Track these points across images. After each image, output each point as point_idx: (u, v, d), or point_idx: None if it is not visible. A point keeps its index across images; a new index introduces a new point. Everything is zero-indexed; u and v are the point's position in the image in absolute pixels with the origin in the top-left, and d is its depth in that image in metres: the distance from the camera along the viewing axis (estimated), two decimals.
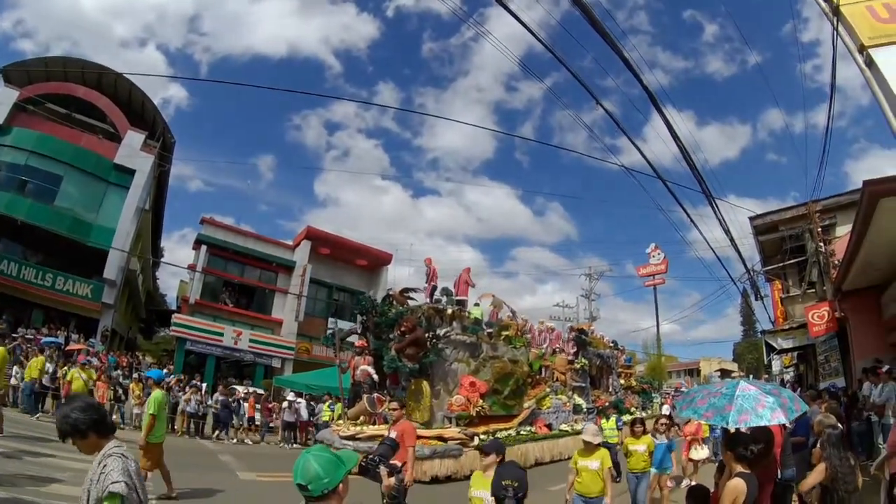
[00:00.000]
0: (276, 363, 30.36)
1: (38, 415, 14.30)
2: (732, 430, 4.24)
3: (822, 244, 16.00)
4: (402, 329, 13.90)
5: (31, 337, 19.67)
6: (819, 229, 16.43)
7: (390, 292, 16.57)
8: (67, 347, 19.90)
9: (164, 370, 19.72)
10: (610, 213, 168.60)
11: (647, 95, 9.86)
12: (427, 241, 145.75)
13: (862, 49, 8.61)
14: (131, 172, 26.55)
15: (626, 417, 20.68)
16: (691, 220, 15.34)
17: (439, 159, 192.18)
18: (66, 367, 16.02)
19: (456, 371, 14.53)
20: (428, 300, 15.96)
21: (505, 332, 17.05)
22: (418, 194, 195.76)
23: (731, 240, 15.97)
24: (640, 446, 7.97)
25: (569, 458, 15.91)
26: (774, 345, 21.01)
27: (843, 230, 15.50)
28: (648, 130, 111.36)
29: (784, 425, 7.58)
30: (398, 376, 14.41)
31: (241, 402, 18.71)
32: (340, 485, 2.10)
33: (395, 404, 7.27)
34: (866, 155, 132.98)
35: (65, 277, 24.10)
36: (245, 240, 31.85)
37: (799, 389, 16.33)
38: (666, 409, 13.27)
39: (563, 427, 17.13)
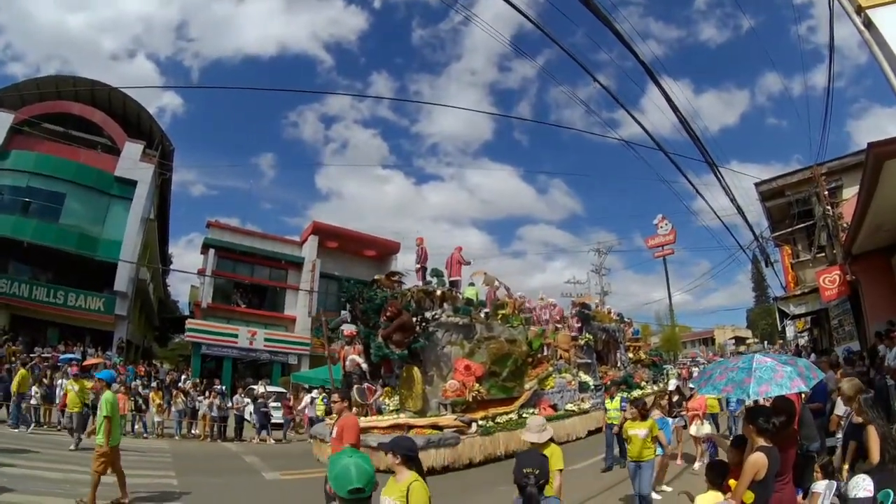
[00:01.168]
0: (293, 360, 30.59)
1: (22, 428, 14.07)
2: (751, 403, 4.25)
3: (829, 207, 15.84)
4: (388, 314, 13.13)
5: (49, 355, 19.86)
6: (825, 192, 16.24)
7: (376, 277, 15.89)
8: (84, 363, 20.08)
9: (114, 370, 19.69)
10: (614, 187, 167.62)
11: (642, 68, 9.75)
12: (433, 227, 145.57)
13: (860, 10, 8.45)
14: (133, 184, 26.70)
15: (636, 393, 20.38)
16: (696, 191, 15.43)
17: (439, 144, 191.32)
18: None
19: (449, 355, 13.76)
20: (420, 282, 15.35)
21: (501, 311, 16.27)
22: (421, 181, 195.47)
23: (738, 208, 15.84)
24: (640, 431, 7.14)
25: (577, 439, 14.79)
26: (787, 311, 20.95)
27: (850, 192, 15.32)
28: (646, 100, 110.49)
29: (802, 395, 7.58)
30: (391, 364, 13.93)
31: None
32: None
33: (336, 396, 6.38)
34: (867, 114, 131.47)
35: (76, 293, 24.35)
36: (252, 240, 32.02)
37: (814, 355, 16.26)
38: (673, 384, 12.37)
39: (569, 407, 16.48)
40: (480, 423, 12.65)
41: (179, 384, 20.98)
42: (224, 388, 21.17)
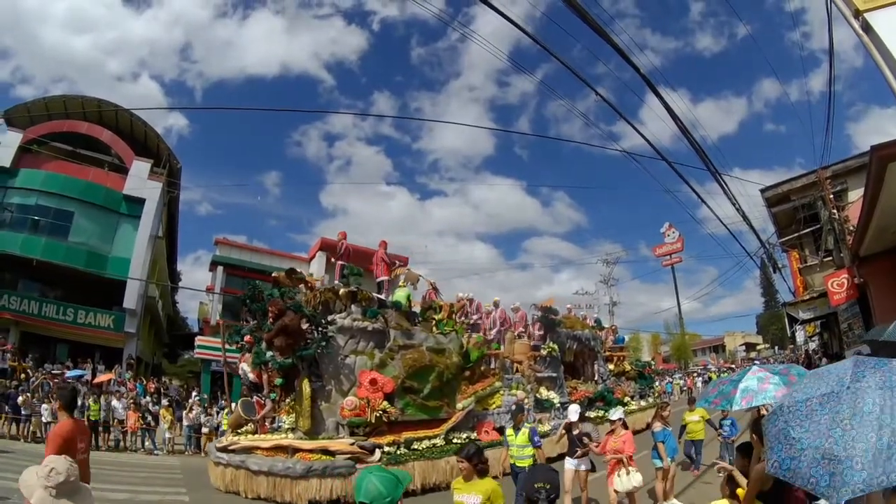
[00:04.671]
0: None
1: None
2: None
3: (835, 211, 15.79)
4: (272, 315, 11.39)
5: (59, 372, 19.98)
6: (831, 196, 16.22)
7: (275, 274, 14.18)
8: (95, 379, 20.21)
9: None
10: (617, 198, 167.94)
11: (641, 79, 9.80)
12: (439, 241, 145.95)
13: (857, 14, 8.50)
14: (141, 202, 26.93)
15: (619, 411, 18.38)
16: (701, 199, 15.26)
17: (441, 160, 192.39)
18: (91, 399, 16.31)
19: (352, 366, 11.65)
20: (337, 281, 13.59)
21: (436, 317, 14.11)
22: (425, 196, 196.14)
23: (744, 216, 15.82)
24: (468, 497, 4.18)
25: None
26: (796, 316, 20.81)
27: (856, 194, 15.27)
28: (645, 110, 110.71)
29: None
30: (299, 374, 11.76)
31: None
32: (399, 501, 2.37)
33: (56, 403, 5.52)
34: (865, 116, 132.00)
35: (86, 311, 24.50)
36: (260, 257, 32.12)
37: (825, 359, 16.12)
38: (574, 413, 7.85)
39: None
40: (388, 449, 10.68)
41: (189, 400, 21.06)
42: (234, 404, 21.15)
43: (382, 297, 13.68)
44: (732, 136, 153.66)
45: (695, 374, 43.44)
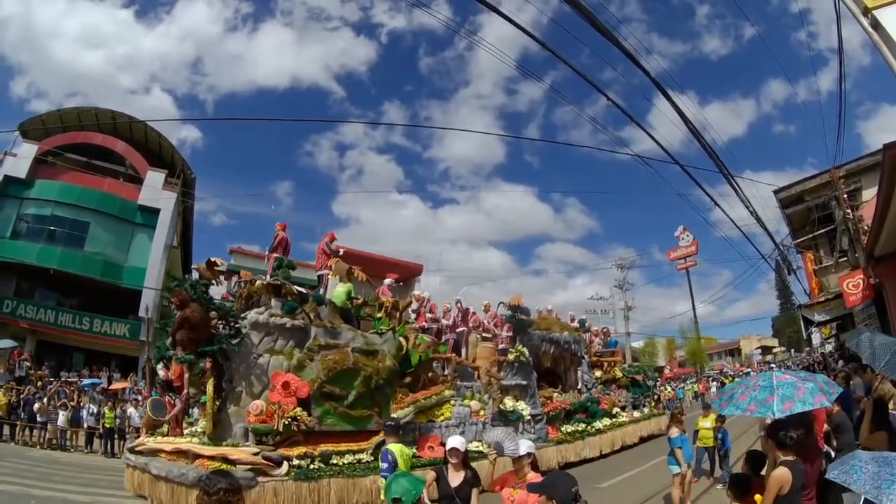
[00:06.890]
0: None
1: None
2: (770, 421, 4.11)
3: (849, 211, 15.62)
4: (175, 307, 10.24)
5: (74, 380, 20.24)
6: (845, 195, 16.06)
7: (195, 266, 12.94)
8: (111, 387, 20.44)
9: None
10: (629, 202, 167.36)
11: (650, 83, 9.80)
12: (452, 249, 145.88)
13: (866, 11, 8.44)
14: (156, 212, 27.24)
15: (600, 424, 15.77)
16: (714, 202, 15.16)
17: (452, 168, 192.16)
18: (107, 406, 16.48)
19: (265, 366, 10.28)
20: (269, 275, 12.13)
21: (377, 315, 12.89)
22: (437, 205, 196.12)
23: (758, 218, 15.69)
24: None
25: (483, 491, 8.95)
26: (812, 318, 20.56)
27: (870, 193, 15.11)
28: (655, 114, 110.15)
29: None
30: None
31: None
32: (422, 495, 3.11)
33: None
34: (875, 114, 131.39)
35: (102, 319, 24.76)
36: None
37: (841, 362, 15.88)
38: (459, 442, 4.40)
39: (473, 447, 10.84)
40: (299, 462, 9.25)
41: None
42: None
43: (321, 291, 12.58)
44: (742, 138, 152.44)
45: (709, 379, 42.95)
